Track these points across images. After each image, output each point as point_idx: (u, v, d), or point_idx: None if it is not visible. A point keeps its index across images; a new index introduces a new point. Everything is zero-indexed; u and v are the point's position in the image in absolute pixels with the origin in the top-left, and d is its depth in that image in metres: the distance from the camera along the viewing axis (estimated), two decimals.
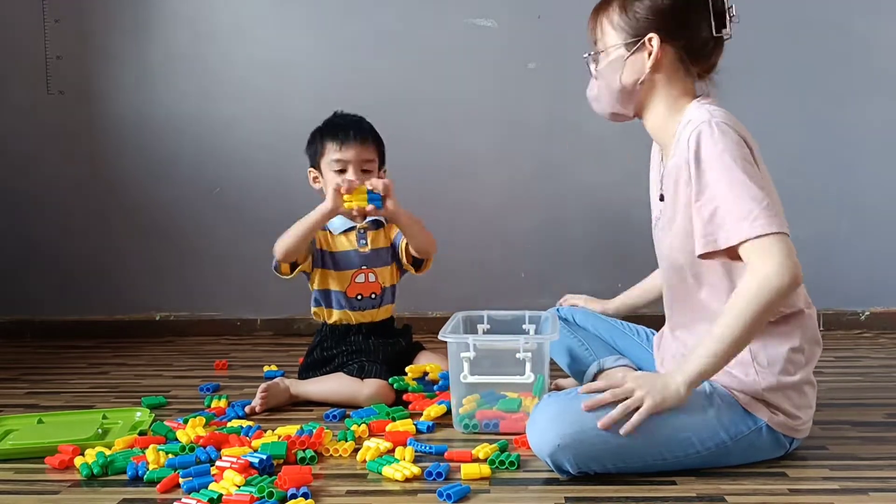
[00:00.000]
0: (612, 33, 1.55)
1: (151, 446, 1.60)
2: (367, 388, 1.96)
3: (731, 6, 1.54)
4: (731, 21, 1.53)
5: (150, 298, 2.96)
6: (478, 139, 2.85)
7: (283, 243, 2.04)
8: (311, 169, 2.17)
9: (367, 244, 2.15)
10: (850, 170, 2.82)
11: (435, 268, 2.21)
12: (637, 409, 1.40)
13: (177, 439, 1.71)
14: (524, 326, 1.99)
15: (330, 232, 2.15)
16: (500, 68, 2.84)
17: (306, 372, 2.14)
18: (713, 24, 1.52)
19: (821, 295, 2.85)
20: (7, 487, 1.49)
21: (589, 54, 1.61)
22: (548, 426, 1.45)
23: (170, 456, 1.59)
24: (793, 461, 1.53)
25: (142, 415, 1.85)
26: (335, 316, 2.14)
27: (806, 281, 3.01)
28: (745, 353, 1.46)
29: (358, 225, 2.15)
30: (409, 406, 1.93)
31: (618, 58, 1.54)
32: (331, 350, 2.11)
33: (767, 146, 2.75)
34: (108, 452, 1.59)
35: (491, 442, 1.62)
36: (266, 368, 2.37)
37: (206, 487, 1.42)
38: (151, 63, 2.88)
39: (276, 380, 2.00)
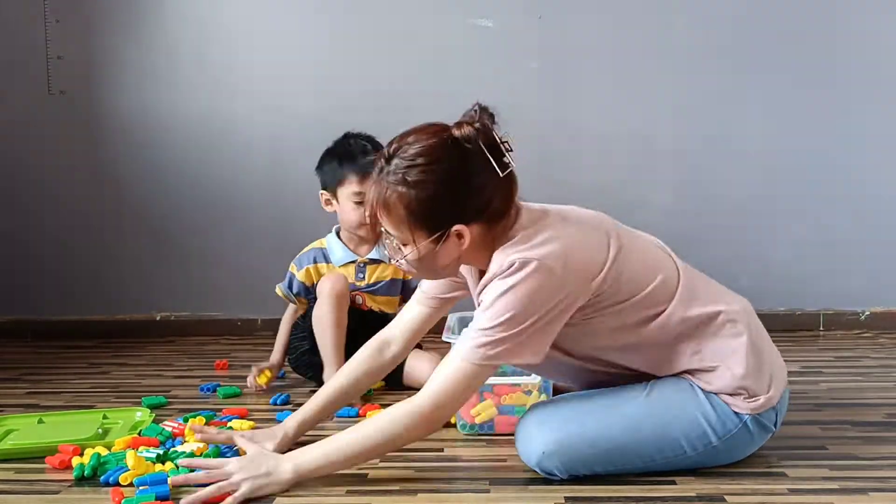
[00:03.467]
0: (413, 232, 1.42)
1: (130, 451, 1.55)
2: None
3: (505, 140, 1.44)
4: (508, 151, 1.43)
5: (150, 298, 2.96)
6: None
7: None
8: (324, 192, 2.15)
9: (364, 278, 2.16)
10: (850, 169, 2.82)
11: None
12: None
13: (171, 439, 1.71)
14: None
15: (331, 265, 2.16)
16: (501, 68, 2.84)
17: (307, 367, 2.18)
18: (496, 167, 1.42)
19: (821, 295, 2.88)
20: (7, 487, 1.49)
21: (389, 235, 1.45)
22: (532, 434, 1.46)
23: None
24: (793, 461, 1.53)
25: (142, 414, 1.85)
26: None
27: (806, 280, 2.99)
28: (709, 361, 1.45)
29: (358, 259, 2.17)
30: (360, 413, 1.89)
31: (428, 252, 1.43)
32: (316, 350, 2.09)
33: (769, 146, 2.79)
34: (104, 453, 1.59)
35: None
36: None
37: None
38: (153, 63, 2.88)
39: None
